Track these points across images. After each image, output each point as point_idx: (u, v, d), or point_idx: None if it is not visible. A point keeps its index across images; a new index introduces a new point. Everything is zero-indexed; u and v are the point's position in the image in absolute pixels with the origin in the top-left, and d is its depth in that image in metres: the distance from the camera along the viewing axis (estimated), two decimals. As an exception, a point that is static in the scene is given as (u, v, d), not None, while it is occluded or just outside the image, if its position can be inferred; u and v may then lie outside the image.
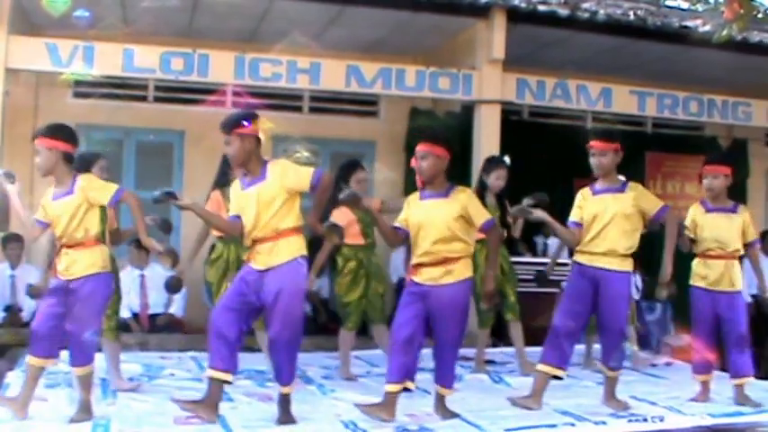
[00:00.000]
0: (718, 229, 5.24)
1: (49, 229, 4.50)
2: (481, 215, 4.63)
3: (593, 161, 4.97)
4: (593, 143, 4.96)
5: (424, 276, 4.57)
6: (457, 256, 4.56)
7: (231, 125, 4.41)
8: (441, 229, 4.54)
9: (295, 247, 4.41)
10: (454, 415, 4.69)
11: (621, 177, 5.04)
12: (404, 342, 4.52)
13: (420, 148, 4.62)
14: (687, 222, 5.34)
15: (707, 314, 5.25)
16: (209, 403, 4.34)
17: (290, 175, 4.40)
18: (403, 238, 4.73)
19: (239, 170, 4.57)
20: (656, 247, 5.04)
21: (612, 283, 4.88)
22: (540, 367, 4.97)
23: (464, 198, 4.61)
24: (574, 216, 5.05)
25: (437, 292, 4.54)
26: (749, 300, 9.35)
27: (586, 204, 4.99)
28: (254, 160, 4.44)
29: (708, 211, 5.31)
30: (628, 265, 4.92)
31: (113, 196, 4.39)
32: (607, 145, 4.92)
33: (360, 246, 5.84)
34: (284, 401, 4.47)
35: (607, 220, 4.88)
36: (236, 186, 4.55)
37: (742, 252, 5.32)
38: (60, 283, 4.38)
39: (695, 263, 5.33)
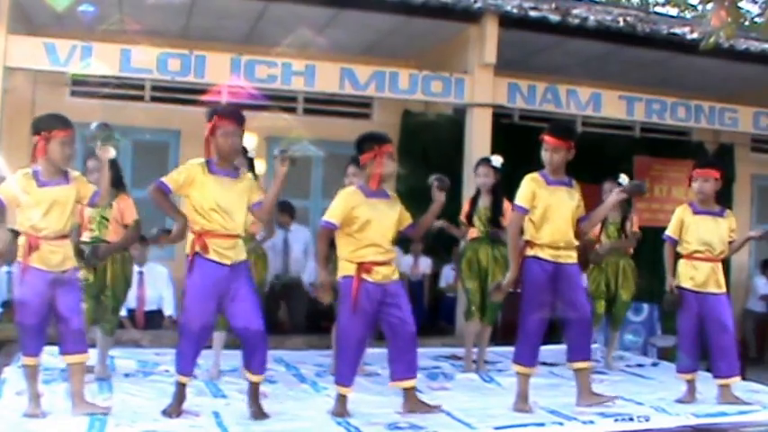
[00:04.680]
0: (705, 231, 5.31)
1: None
2: (409, 218, 4.85)
3: (545, 155, 4.92)
4: (546, 137, 4.91)
5: (379, 275, 4.63)
6: (394, 255, 4.77)
7: (243, 119, 4.56)
8: (393, 228, 4.70)
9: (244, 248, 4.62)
10: (432, 407, 4.76)
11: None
12: (359, 345, 4.67)
13: (391, 149, 4.77)
14: (674, 223, 5.41)
15: (692, 314, 5.33)
16: (179, 404, 4.54)
17: (254, 191, 4.58)
18: (333, 232, 4.70)
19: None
20: (654, 249, 5.16)
21: (574, 276, 4.97)
22: (521, 370, 4.98)
23: (398, 200, 4.84)
24: (524, 201, 4.91)
25: (394, 289, 4.67)
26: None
27: (541, 193, 4.90)
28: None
29: (695, 213, 5.36)
30: (576, 257, 5.04)
31: (94, 194, 4.54)
32: (561, 142, 4.90)
33: None
34: (255, 393, 4.57)
35: (564, 214, 4.90)
36: (198, 165, 4.51)
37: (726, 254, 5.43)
38: (47, 277, 4.38)
39: (681, 264, 5.39)
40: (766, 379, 6.42)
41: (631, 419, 4.81)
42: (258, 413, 4.53)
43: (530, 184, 4.92)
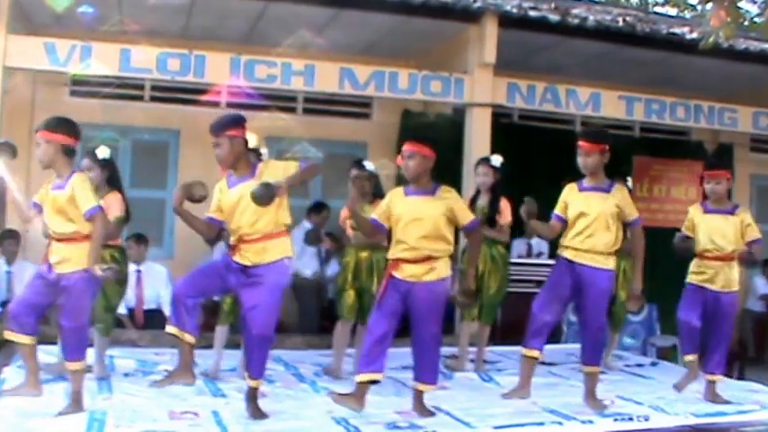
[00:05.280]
0: (714, 230, 5.33)
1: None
2: (467, 215, 4.77)
3: (579, 160, 5.03)
4: (580, 142, 5.02)
5: (406, 273, 4.63)
6: (438, 255, 4.66)
7: (221, 127, 4.48)
8: (427, 225, 4.62)
9: (282, 248, 4.54)
10: (432, 413, 4.75)
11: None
12: (380, 336, 4.62)
13: (407, 148, 4.74)
14: (686, 222, 5.47)
15: (695, 306, 5.37)
16: (184, 367, 4.52)
17: (278, 171, 4.50)
18: (380, 231, 4.83)
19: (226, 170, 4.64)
20: (654, 250, 5.16)
21: (596, 281, 4.96)
22: (525, 352, 5.11)
23: (450, 197, 4.73)
24: (558, 210, 5.13)
25: (419, 289, 4.62)
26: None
27: (572, 200, 5.05)
28: (242, 162, 4.54)
29: (706, 212, 5.41)
30: (611, 263, 5.01)
31: (89, 210, 4.37)
32: (594, 146, 4.98)
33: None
34: (252, 395, 4.58)
35: (593, 218, 4.95)
36: (222, 184, 4.61)
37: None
38: (49, 275, 4.42)
39: (693, 262, 5.44)
40: (765, 379, 6.43)
41: (631, 419, 4.83)
42: (257, 414, 4.53)
43: (563, 193, 5.13)
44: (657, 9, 13.83)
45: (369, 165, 5.98)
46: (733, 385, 5.71)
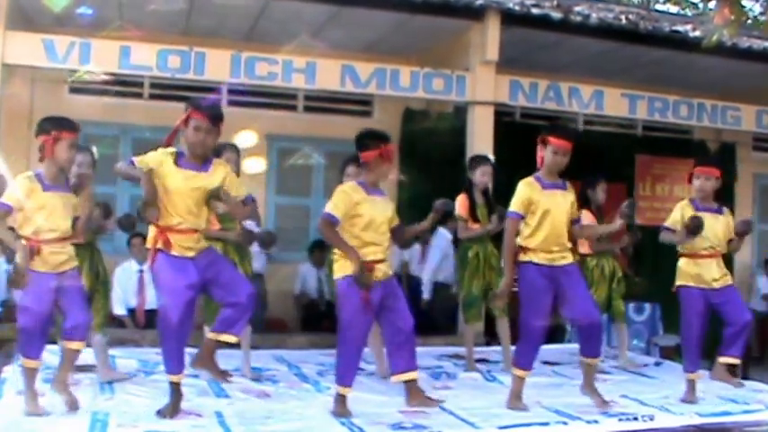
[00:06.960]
0: (708, 229, 5.25)
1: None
2: (396, 219, 4.81)
3: (547, 157, 4.86)
4: (552, 139, 4.85)
5: (380, 273, 4.60)
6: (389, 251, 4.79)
7: (221, 118, 4.39)
8: (387, 226, 4.69)
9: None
10: (435, 400, 4.71)
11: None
12: (361, 346, 4.65)
13: (392, 149, 4.85)
14: (676, 219, 5.31)
15: (699, 312, 5.26)
16: (178, 401, 4.45)
17: (231, 186, 4.41)
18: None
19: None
20: (656, 249, 5.11)
21: (575, 276, 4.94)
22: (516, 372, 4.99)
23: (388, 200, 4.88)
24: (519, 207, 4.84)
25: (390, 285, 4.66)
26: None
27: (537, 198, 4.84)
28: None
29: (697, 210, 5.30)
30: (573, 256, 5.03)
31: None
32: (568, 144, 4.85)
33: None
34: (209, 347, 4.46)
35: (559, 217, 4.87)
36: (168, 156, 4.32)
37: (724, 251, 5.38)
38: (51, 279, 4.35)
39: (684, 262, 5.31)
40: (769, 378, 6.41)
41: (635, 419, 4.79)
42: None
43: (525, 190, 4.86)
44: (660, 7, 13.82)
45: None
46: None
